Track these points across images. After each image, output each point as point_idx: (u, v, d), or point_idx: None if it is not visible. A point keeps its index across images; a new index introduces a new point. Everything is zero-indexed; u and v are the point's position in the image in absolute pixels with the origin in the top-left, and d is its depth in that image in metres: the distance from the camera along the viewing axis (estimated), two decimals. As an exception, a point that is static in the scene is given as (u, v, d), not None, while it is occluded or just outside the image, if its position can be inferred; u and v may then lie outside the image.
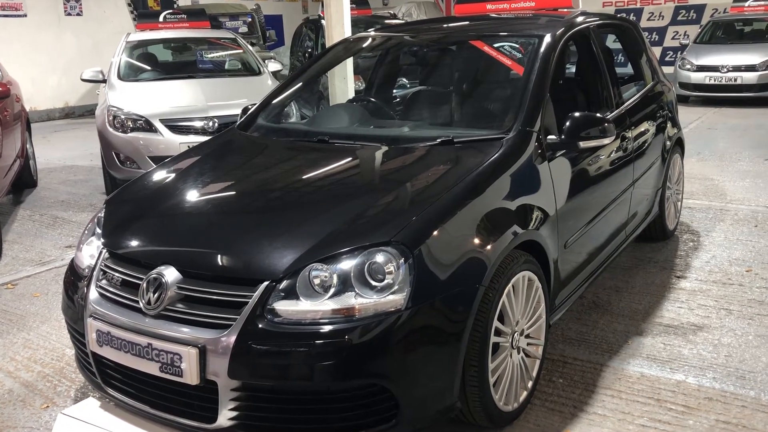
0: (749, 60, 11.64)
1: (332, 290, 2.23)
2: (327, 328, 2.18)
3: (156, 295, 2.34)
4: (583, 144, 3.03)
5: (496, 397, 2.55)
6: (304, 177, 2.89)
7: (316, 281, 2.25)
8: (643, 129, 4.10)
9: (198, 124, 6.21)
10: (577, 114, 3.07)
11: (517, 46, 3.60)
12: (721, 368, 3.11)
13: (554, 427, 2.70)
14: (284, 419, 2.25)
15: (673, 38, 16.33)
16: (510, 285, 2.56)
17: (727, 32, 13.12)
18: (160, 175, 3.07)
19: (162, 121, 6.17)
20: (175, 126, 6.20)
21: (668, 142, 4.56)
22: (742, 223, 5.23)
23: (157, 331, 2.31)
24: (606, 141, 3.06)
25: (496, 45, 3.61)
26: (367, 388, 2.21)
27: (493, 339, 2.50)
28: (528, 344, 2.78)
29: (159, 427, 2.42)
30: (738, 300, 3.83)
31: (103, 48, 13.73)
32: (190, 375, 2.22)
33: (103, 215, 2.87)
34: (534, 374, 2.84)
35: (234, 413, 2.24)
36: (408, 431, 2.29)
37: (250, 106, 3.87)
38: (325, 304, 2.21)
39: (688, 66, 12.07)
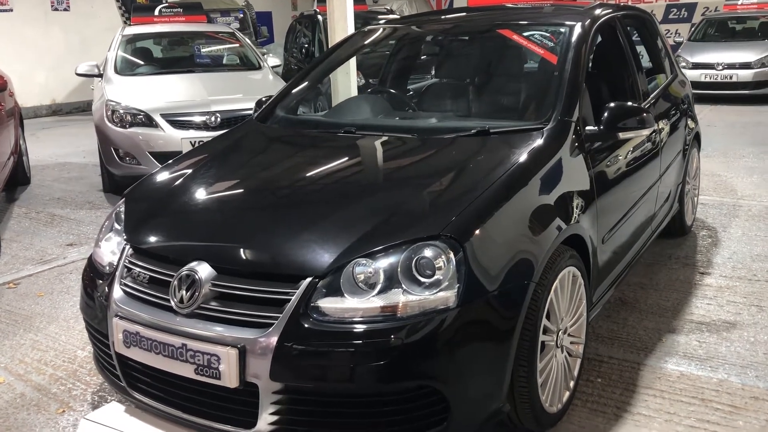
0: (744, 57, 11.63)
1: (378, 287, 2.10)
2: (375, 327, 2.05)
3: (189, 292, 2.20)
4: (622, 135, 2.92)
5: (543, 398, 2.43)
6: (337, 168, 2.76)
7: (361, 277, 2.12)
8: (667, 122, 4.01)
9: (199, 118, 6.06)
10: (613, 104, 2.96)
11: (548, 35, 3.49)
12: (762, 366, 3.02)
13: (599, 429, 2.59)
14: (329, 424, 2.12)
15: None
16: (557, 281, 2.45)
17: (721, 30, 13.12)
18: (181, 168, 2.92)
19: (163, 115, 6.00)
20: (176, 121, 6.04)
21: (688, 136, 4.48)
22: (758, 218, 5.16)
23: (192, 330, 2.17)
24: (646, 132, 2.96)
25: (525, 34, 3.50)
26: (417, 391, 2.09)
27: (541, 338, 2.38)
28: (570, 342, 2.67)
29: (191, 433, 2.28)
30: (767, 296, 3.75)
31: (91, 44, 13.47)
32: (229, 377, 2.09)
33: (123, 210, 2.72)
34: (575, 374, 2.73)
35: (275, 417, 2.10)
36: (458, 435, 2.17)
37: (264, 98, 3.73)
38: (372, 302, 2.08)
39: (683, 63, 12.02)
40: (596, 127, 2.93)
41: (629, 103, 2.99)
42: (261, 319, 2.11)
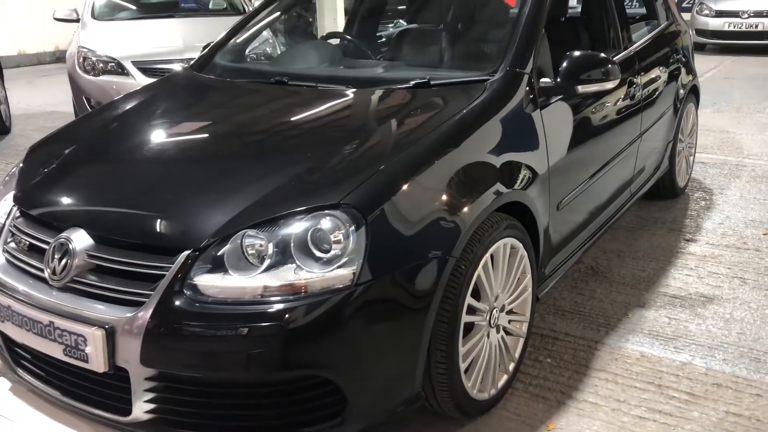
0: (772, 5, 10.97)
1: (267, 262, 1.84)
2: (259, 308, 1.80)
3: (62, 263, 1.97)
4: (582, 88, 2.59)
5: (468, 384, 2.18)
6: (250, 125, 2.47)
7: (250, 251, 1.86)
8: (654, 75, 3.64)
9: (174, 67, 5.75)
10: (576, 53, 2.62)
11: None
12: (732, 348, 2.73)
13: (537, 418, 2.34)
14: (210, 415, 1.89)
15: (691, -17, 15.50)
16: (488, 255, 2.17)
17: (749, -25, 12.37)
18: (92, 121, 2.67)
19: (134, 63, 5.73)
20: (149, 68, 5.76)
21: (681, 90, 4.11)
22: (760, 180, 4.79)
23: (60, 306, 1.94)
24: (609, 85, 2.62)
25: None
26: (306, 381, 1.84)
27: (466, 318, 2.12)
28: (510, 321, 2.40)
29: (71, 417, 2.07)
30: (753, 267, 3.43)
31: (94, -12, 13.11)
32: (96, 361, 1.86)
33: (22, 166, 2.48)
34: (516, 355, 2.46)
35: (151, 406, 1.88)
36: (360, 428, 1.93)
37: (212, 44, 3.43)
38: (258, 279, 1.83)
39: (707, 11, 11.41)
40: (552, 80, 2.60)
41: (592, 52, 2.63)
42: (133, 296, 1.87)
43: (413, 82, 2.53)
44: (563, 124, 2.69)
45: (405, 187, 1.99)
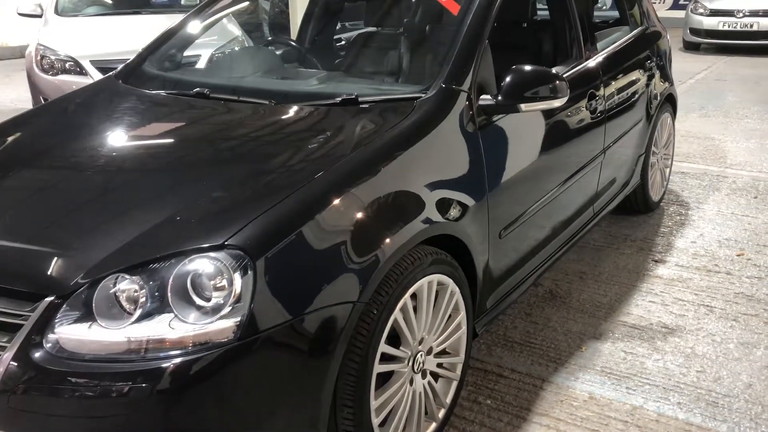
0: (768, 4, 10.70)
1: (140, 312, 1.62)
2: (125, 367, 1.57)
3: None
4: (525, 107, 2.35)
5: (384, 440, 1.97)
6: (145, 147, 2.24)
7: (122, 298, 1.64)
8: (621, 84, 3.41)
9: (136, 66, 5.52)
10: (522, 67, 2.37)
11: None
12: (690, 389, 2.51)
13: (466, 472, 2.13)
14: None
15: (688, -21, 15.21)
16: (407, 295, 1.95)
17: (745, -27, 12.09)
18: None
19: (93, 62, 5.49)
20: (109, 68, 5.48)
21: (655, 99, 3.87)
22: (740, 192, 4.56)
23: None
24: (556, 103, 2.38)
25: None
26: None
27: (381, 368, 1.90)
28: (439, 365, 2.18)
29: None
30: (722, 294, 3.21)
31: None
32: (-56, 423, 1.65)
33: None
34: (448, 400, 2.25)
35: (9, 475, 1.66)
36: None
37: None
38: (127, 331, 1.60)
39: (701, 10, 11.14)
40: (493, 98, 2.36)
41: (539, 67, 2.39)
42: (-11, 349, 1.65)
43: (339, 99, 2.30)
44: (507, 145, 2.47)
45: (305, 224, 1.77)
